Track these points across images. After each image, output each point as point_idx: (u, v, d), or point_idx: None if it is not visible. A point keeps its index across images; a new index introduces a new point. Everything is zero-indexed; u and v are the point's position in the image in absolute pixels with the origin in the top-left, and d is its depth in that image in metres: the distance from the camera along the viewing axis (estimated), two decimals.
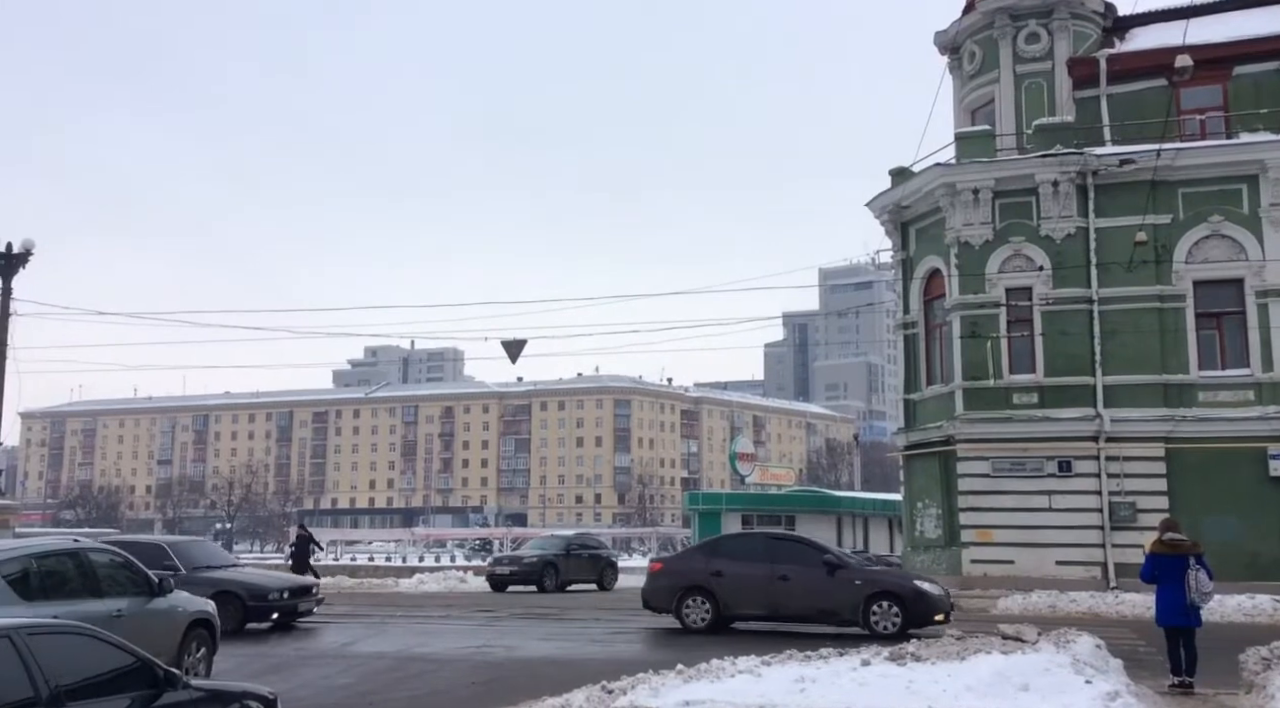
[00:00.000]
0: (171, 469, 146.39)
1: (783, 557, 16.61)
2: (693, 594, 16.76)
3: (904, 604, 15.83)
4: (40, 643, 5.38)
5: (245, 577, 17.65)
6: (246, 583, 16.97)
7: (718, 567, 16.75)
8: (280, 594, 16.94)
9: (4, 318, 24.24)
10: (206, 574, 16.86)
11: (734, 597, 16.58)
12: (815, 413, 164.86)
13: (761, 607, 16.44)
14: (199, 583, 16.12)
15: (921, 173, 26.58)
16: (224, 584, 16.52)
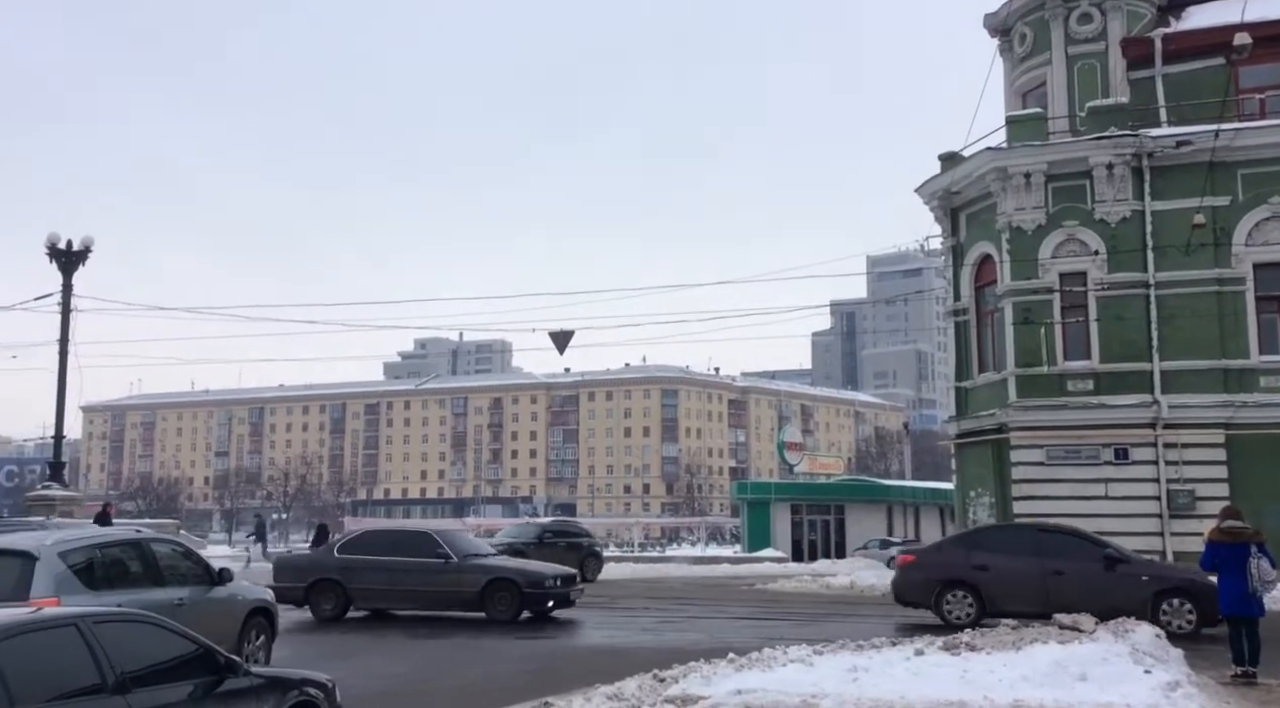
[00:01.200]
0: (229, 461, 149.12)
1: (1053, 551, 15.98)
2: (954, 589, 16.26)
3: (1197, 601, 15.02)
4: (106, 631, 5.51)
5: (521, 565, 17.72)
6: (524, 570, 17.01)
7: (981, 560, 16.22)
8: (555, 582, 16.83)
9: (66, 313, 24.84)
10: (479, 561, 17.06)
11: (1001, 592, 15.93)
12: (864, 402, 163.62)
13: (1032, 603, 15.52)
14: (473, 570, 16.64)
15: (972, 157, 26.22)
16: (500, 571, 16.69)
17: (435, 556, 16.74)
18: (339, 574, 17.00)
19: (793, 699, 8.56)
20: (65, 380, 25.38)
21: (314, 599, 17.01)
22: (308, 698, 6.63)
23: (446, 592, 16.72)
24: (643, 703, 8.89)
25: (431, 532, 18.43)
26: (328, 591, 16.98)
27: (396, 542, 17.62)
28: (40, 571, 8.69)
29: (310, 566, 17.64)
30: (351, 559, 17.14)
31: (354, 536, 18.57)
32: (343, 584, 16.93)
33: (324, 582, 17.01)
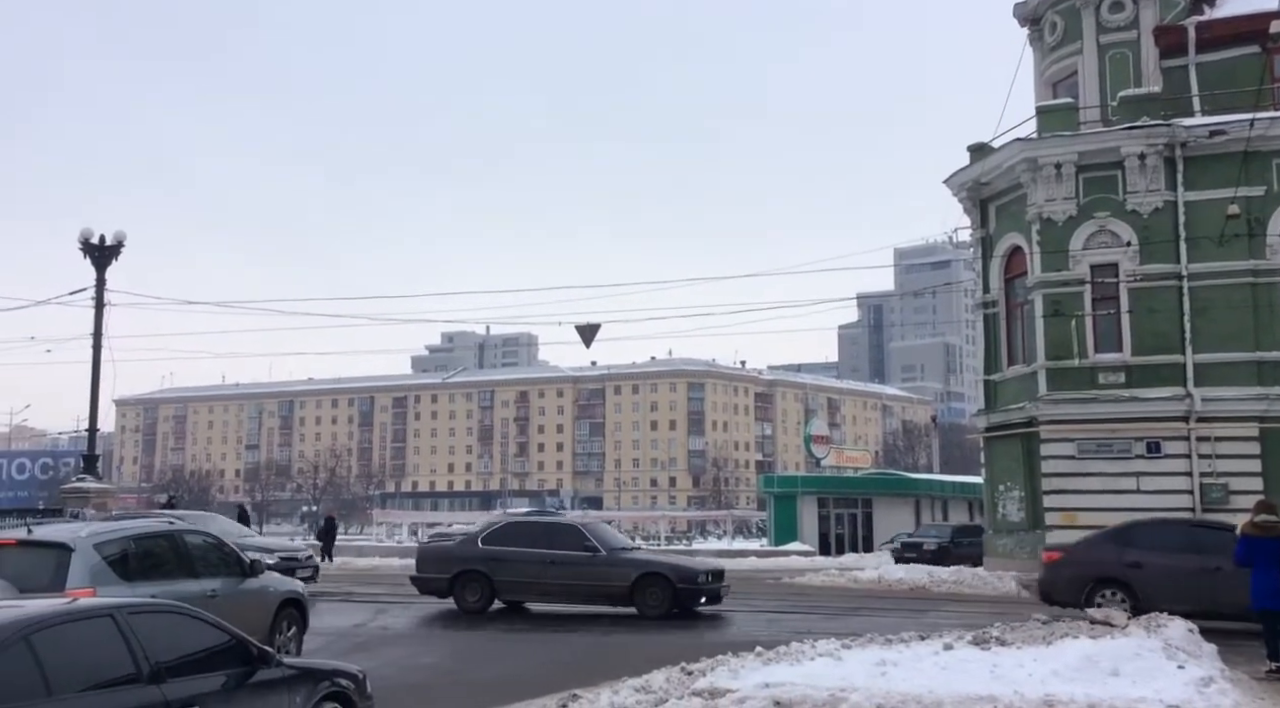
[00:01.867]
0: (259, 454, 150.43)
1: (1211, 547, 15.38)
2: (1105, 587, 15.80)
3: None
4: (140, 622, 5.57)
5: (673, 559, 17.42)
6: (676, 565, 16.71)
7: (1134, 557, 15.74)
8: (706, 577, 16.46)
9: (99, 308, 25.13)
10: (629, 555, 16.87)
11: (1157, 590, 15.33)
12: (891, 395, 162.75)
13: (1192, 602, 14.84)
14: (623, 564, 16.40)
15: (1001, 148, 26.00)
16: (652, 566, 16.42)
17: (583, 549, 16.49)
18: (484, 566, 16.75)
19: (821, 693, 8.54)
20: (99, 374, 25.66)
21: (459, 591, 16.84)
22: (339, 688, 6.69)
23: (595, 586, 16.46)
24: (670, 696, 8.90)
25: (578, 524, 18.20)
26: (473, 582, 16.78)
27: (543, 533, 17.42)
28: (76, 562, 8.82)
29: (455, 556, 17.33)
30: (498, 551, 16.89)
31: (498, 526, 18.25)
32: (488, 576, 16.72)
33: (469, 573, 16.81)
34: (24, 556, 9.03)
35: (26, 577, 8.57)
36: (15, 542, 9.25)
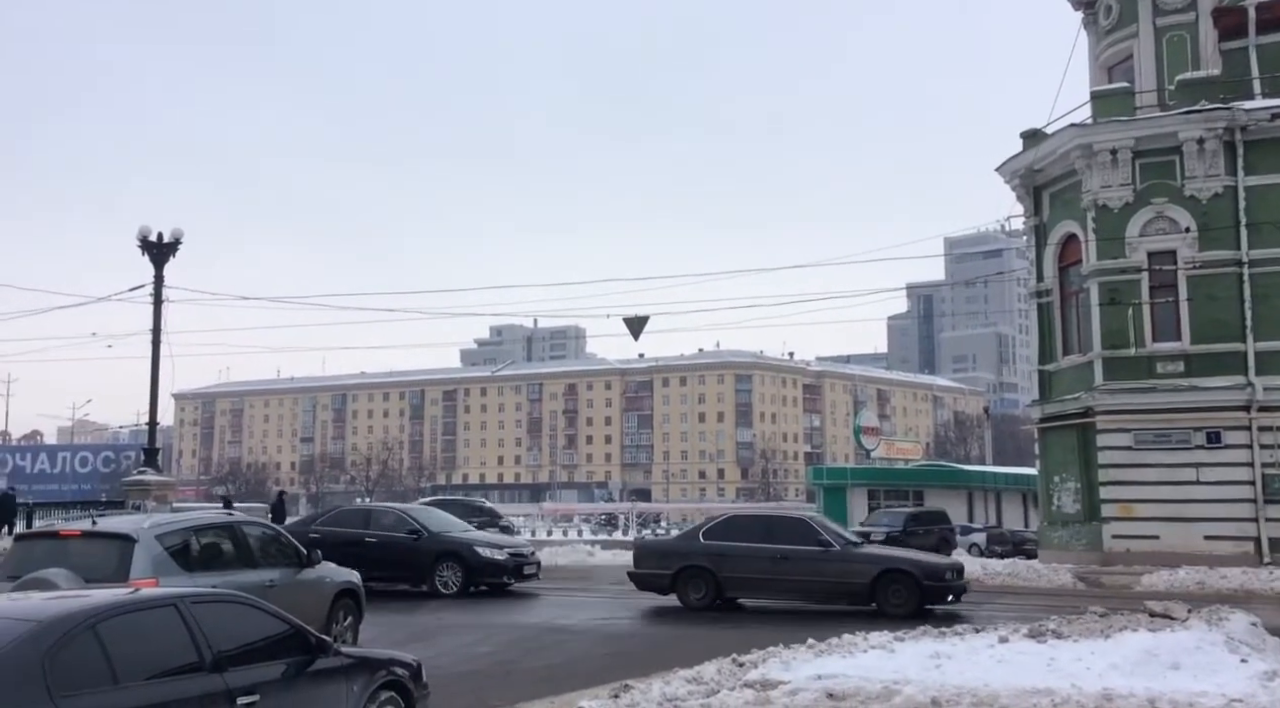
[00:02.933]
0: (314, 446, 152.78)
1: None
2: None
3: None
4: (202, 611, 5.68)
5: (914, 555, 16.93)
6: (919, 561, 16.19)
7: None
8: (953, 574, 15.89)
9: (158, 304, 25.67)
10: (867, 550, 16.38)
11: None
12: (942, 386, 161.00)
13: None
14: (862, 560, 15.82)
15: (1055, 134, 25.57)
16: (895, 562, 15.85)
17: (816, 543, 15.87)
18: (708, 561, 16.24)
19: (874, 686, 8.49)
20: (158, 369, 26.24)
21: (681, 587, 16.33)
22: (394, 677, 6.77)
23: (832, 583, 15.79)
24: (722, 687, 8.90)
25: (807, 517, 17.83)
26: (697, 578, 16.28)
27: (770, 527, 16.88)
28: (139, 553, 9.02)
29: (676, 552, 16.92)
30: (722, 545, 16.35)
31: (720, 520, 17.66)
32: (713, 572, 16.18)
33: (692, 569, 16.32)
34: (89, 547, 9.26)
35: (92, 567, 8.79)
36: (81, 533, 9.50)
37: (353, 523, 18.91)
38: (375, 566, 17.50)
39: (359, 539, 17.97)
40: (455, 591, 17.66)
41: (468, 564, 17.90)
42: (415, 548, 17.92)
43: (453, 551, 18.03)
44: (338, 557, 17.66)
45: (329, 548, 17.47)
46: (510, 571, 18.24)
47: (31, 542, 9.75)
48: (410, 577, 18.17)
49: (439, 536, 18.39)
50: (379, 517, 19.30)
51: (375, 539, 18.13)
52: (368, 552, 17.52)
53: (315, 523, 19.04)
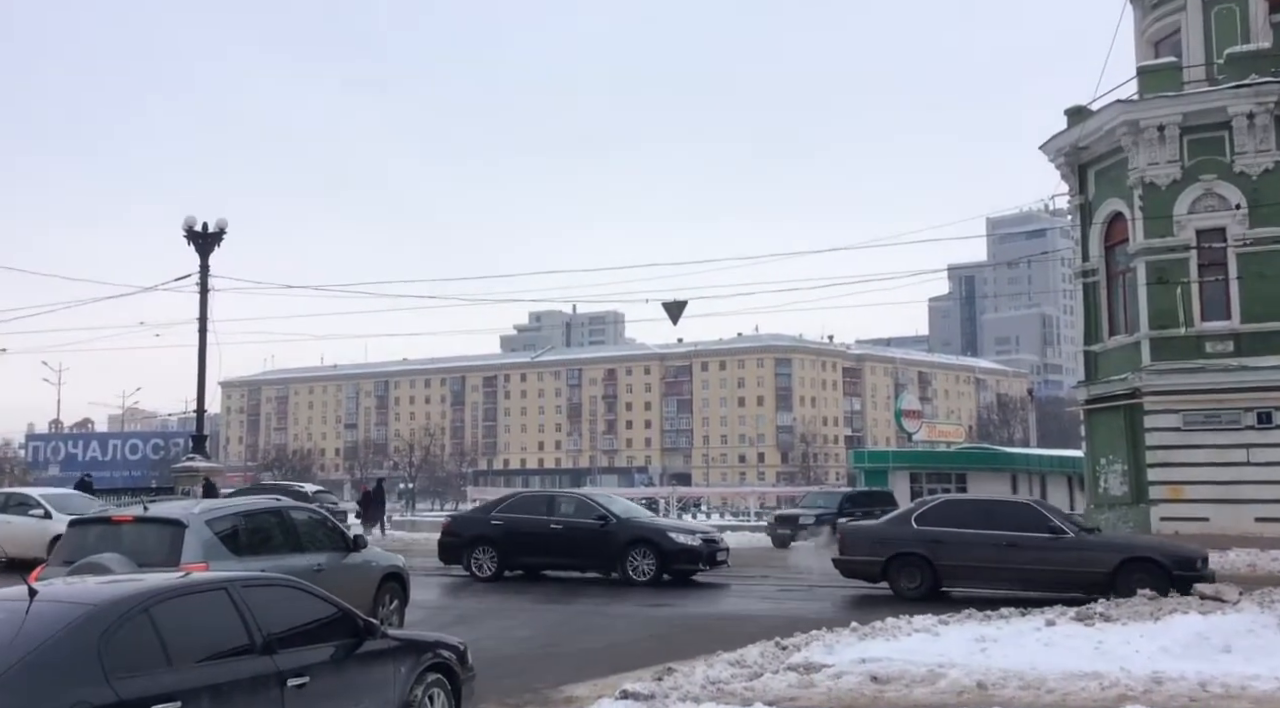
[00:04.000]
0: (357, 433, 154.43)
1: None
2: None
3: None
4: (253, 595, 5.78)
5: (1155, 540, 16.16)
6: (1165, 548, 15.29)
7: None
8: (1202, 563, 14.95)
9: (204, 293, 26.04)
10: (1107, 538, 15.86)
11: None
12: (985, 368, 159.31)
13: None
14: (1100, 548, 15.07)
15: (1101, 111, 25.14)
16: (1140, 550, 14.99)
17: (1046, 530, 15.04)
18: (924, 549, 15.44)
19: (919, 669, 8.46)
20: (205, 357, 26.63)
21: (894, 575, 15.56)
22: (441, 660, 6.84)
23: (1067, 572, 14.74)
24: (765, 670, 8.91)
25: (1033, 502, 17.09)
26: (911, 566, 15.49)
27: (992, 513, 15.89)
28: (190, 538, 9.18)
29: (888, 538, 16.03)
30: (939, 532, 15.54)
31: (933, 504, 16.78)
32: (929, 560, 15.38)
33: (906, 556, 15.55)
34: (141, 532, 9.44)
35: (144, 552, 8.96)
36: (133, 519, 9.68)
37: (535, 510, 18.51)
38: (562, 553, 17.57)
39: (543, 526, 17.79)
40: (648, 578, 17.02)
41: (661, 550, 17.19)
42: (604, 534, 17.36)
43: (645, 536, 17.44)
44: (521, 545, 17.71)
45: (511, 536, 17.73)
46: (704, 557, 17.45)
47: (85, 527, 9.95)
48: (599, 564, 17.64)
49: (629, 521, 17.87)
50: (563, 502, 18.78)
51: (561, 526, 17.76)
52: (553, 539, 17.42)
53: (495, 510, 18.71)
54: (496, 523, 18.13)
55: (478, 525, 18.54)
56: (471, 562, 17.94)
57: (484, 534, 18.04)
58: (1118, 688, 8.05)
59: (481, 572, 17.84)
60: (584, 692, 8.72)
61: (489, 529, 18.12)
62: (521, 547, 17.84)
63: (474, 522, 18.98)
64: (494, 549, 17.87)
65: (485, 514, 18.87)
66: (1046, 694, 8.09)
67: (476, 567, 17.90)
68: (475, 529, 18.37)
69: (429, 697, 6.60)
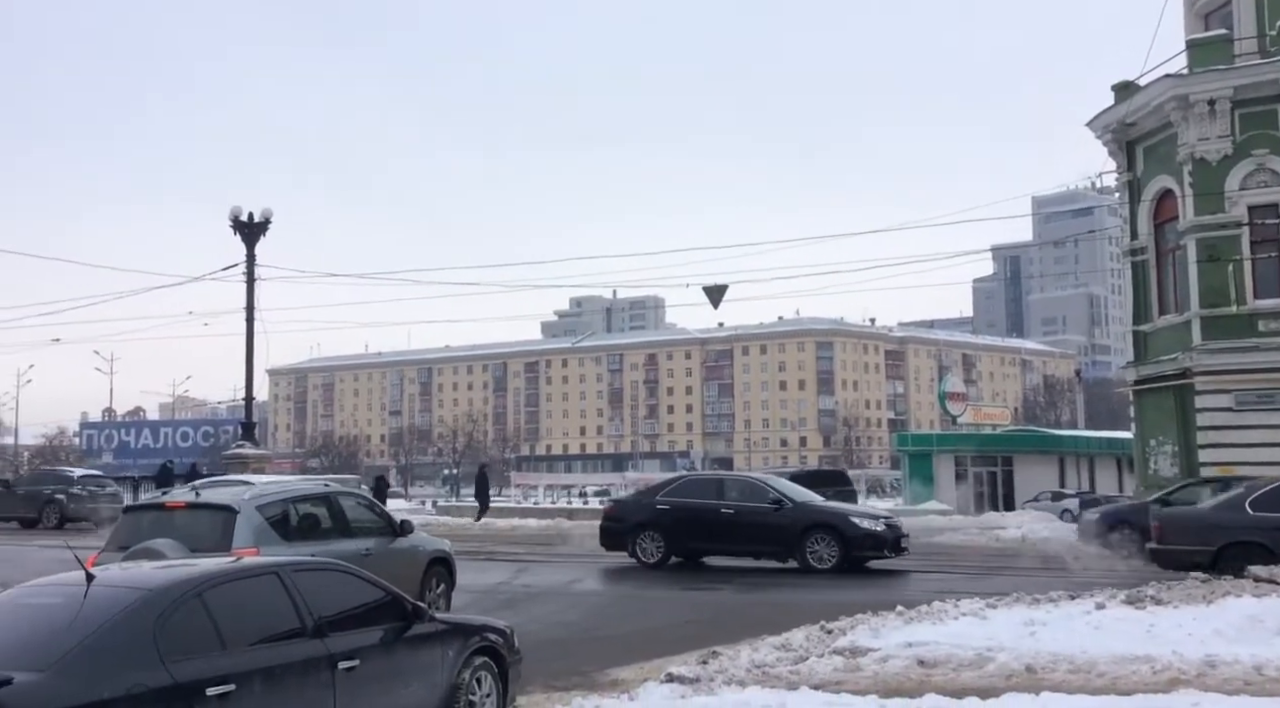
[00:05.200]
0: (402, 419, 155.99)
1: None
2: None
3: None
4: (303, 579, 5.86)
5: None
6: None
7: None
8: None
9: (250, 282, 26.38)
10: None
11: None
12: (1031, 349, 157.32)
13: None
14: None
15: (1149, 86, 24.63)
16: None
17: None
18: (1266, 537, 14.04)
19: (966, 653, 8.40)
20: (253, 345, 27.01)
21: (1224, 567, 13.49)
22: (488, 643, 6.91)
23: None
24: (810, 654, 8.89)
25: None
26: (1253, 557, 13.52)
27: None
28: (241, 523, 9.34)
29: (1220, 525, 14.68)
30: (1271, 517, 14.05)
31: (1271, 488, 14.70)
32: (1270, 549, 13.64)
33: (1242, 545, 14.09)
34: (193, 517, 9.62)
35: (196, 537, 9.13)
36: (185, 505, 9.87)
37: (704, 493, 17.93)
38: (734, 539, 17.03)
39: (713, 510, 17.24)
40: (830, 566, 16.28)
41: (844, 536, 16.46)
42: (780, 519, 16.74)
43: (826, 521, 16.77)
44: (689, 530, 17.18)
45: (678, 521, 17.24)
46: (889, 543, 16.64)
47: (139, 513, 10.16)
48: (775, 551, 17.02)
49: (806, 505, 17.33)
50: (733, 486, 18.25)
51: (732, 510, 17.18)
52: (724, 524, 16.91)
53: (660, 494, 18.20)
54: (663, 507, 17.60)
55: (643, 510, 18.00)
56: (637, 548, 17.50)
57: (650, 519, 17.56)
58: (1170, 672, 7.95)
59: (647, 558, 17.39)
60: (629, 675, 8.77)
61: (655, 514, 17.62)
62: (689, 532, 17.31)
63: (638, 506, 18.41)
64: (660, 535, 17.40)
65: (649, 498, 18.36)
66: (1097, 678, 8.00)
67: (642, 553, 17.45)
68: (640, 514, 17.87)
69: (476, 680, 6.67)
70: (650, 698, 7.27)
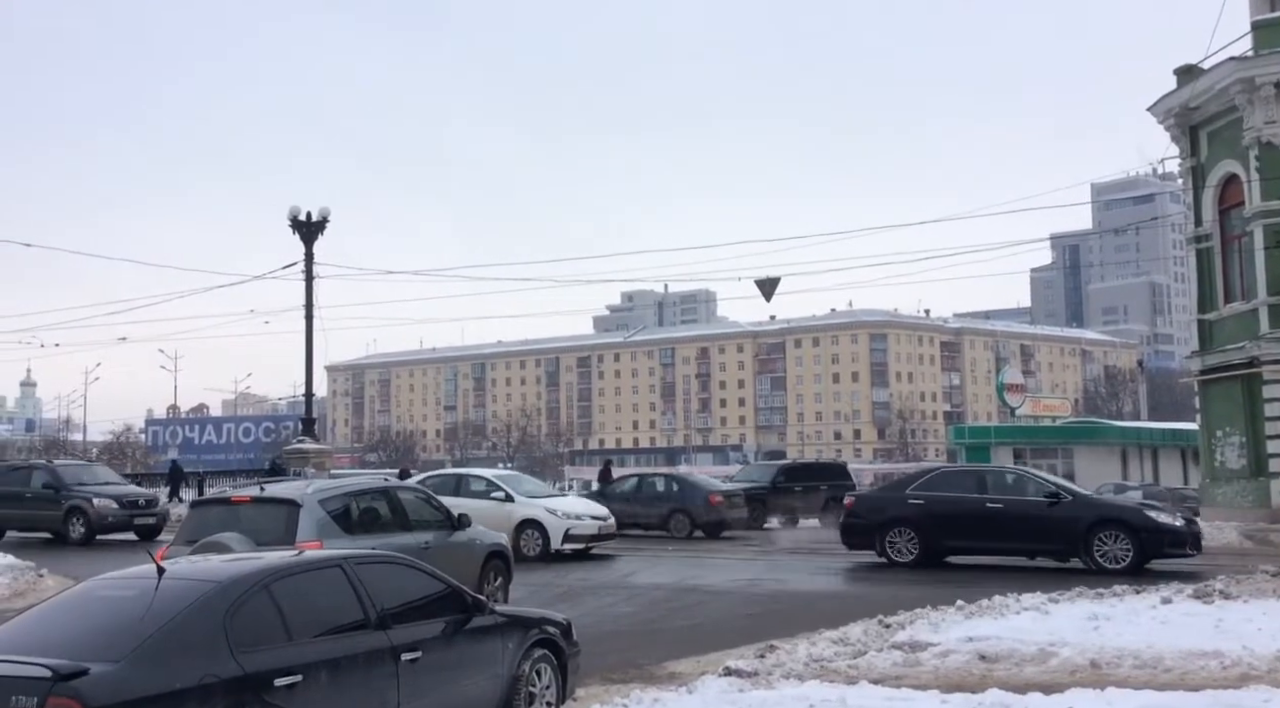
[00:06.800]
0: (456, 414, 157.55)
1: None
2: None
3: None
4: (366, 572, 5.97)
5: None
6: None
7: None
8: None
9: (309, 280, 26.80)
10: None
11: None
12: (1091, 339, 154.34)
13: None
14: None
15: (1213, 69, 24.01)
16: None
17: None
18: None
19: (1029, 648, 8.29)
20: (312, 342, 27.45)
21: None
22: (547, 635, 6.96)
23: None
24: (869, 648, 8.84)
25: None
26: None
27: None
28: (304, 517, 9.51)
29: None
30: None
31: None
32: None
33: None
34: (257, 511, 9.81)
35: (261, 531, 9.32)
36: (250, 499, 10.07)
37: (963, 486, 16.67)
38: (1003, 536, 15.79)
39: (976, 506, 15.97)
40: (1124, 566, 14.84)
41: (1137, 532, 14.99)
42: (1060, 514, 15.39)
43: (1115, 516, 15.37)
44: (948, 526, 15.88)
45: (935, 516, 16.08)
46: (1189, 540, 15.24)
47: (206, 508, 10.39)
48: (1054, 550, 15.77)
49: (1090, 498, 16.17)
50: (998, 478, 16.86)
51: (1000, 505, 15.84)
52: (991, 520, 15.69)
53: (911, 487, 17.04)
54: (916, 502, 16.40)
55: (893, 505, 16.74)
56: (887, 545, 16.30)
57: (901, 515, 16.32)
58: (1240, 667, 7.77)
59: (900, 556, 16.19)
60: (686, 668, 8.78)
61: (907, 509, 16.40)
62: (949, 529, 16.06)
63: (886, 501, 17.19)
64: (914, 531, 16.15)
65: (898, 492, 17.21)
66: (1164, 673, 7.86)
67: (893, 551, 16.25)
68: (890, 510, 16.63)
69: (536, 672, 6.73)
70: (708, 692, 7.27)
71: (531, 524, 17.85)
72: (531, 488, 19.80)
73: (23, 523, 22.18)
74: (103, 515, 20.89)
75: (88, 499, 21.13)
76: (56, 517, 21.25)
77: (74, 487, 21.60)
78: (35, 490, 21.89)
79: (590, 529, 18.31)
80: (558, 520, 17.88)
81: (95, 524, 20.96)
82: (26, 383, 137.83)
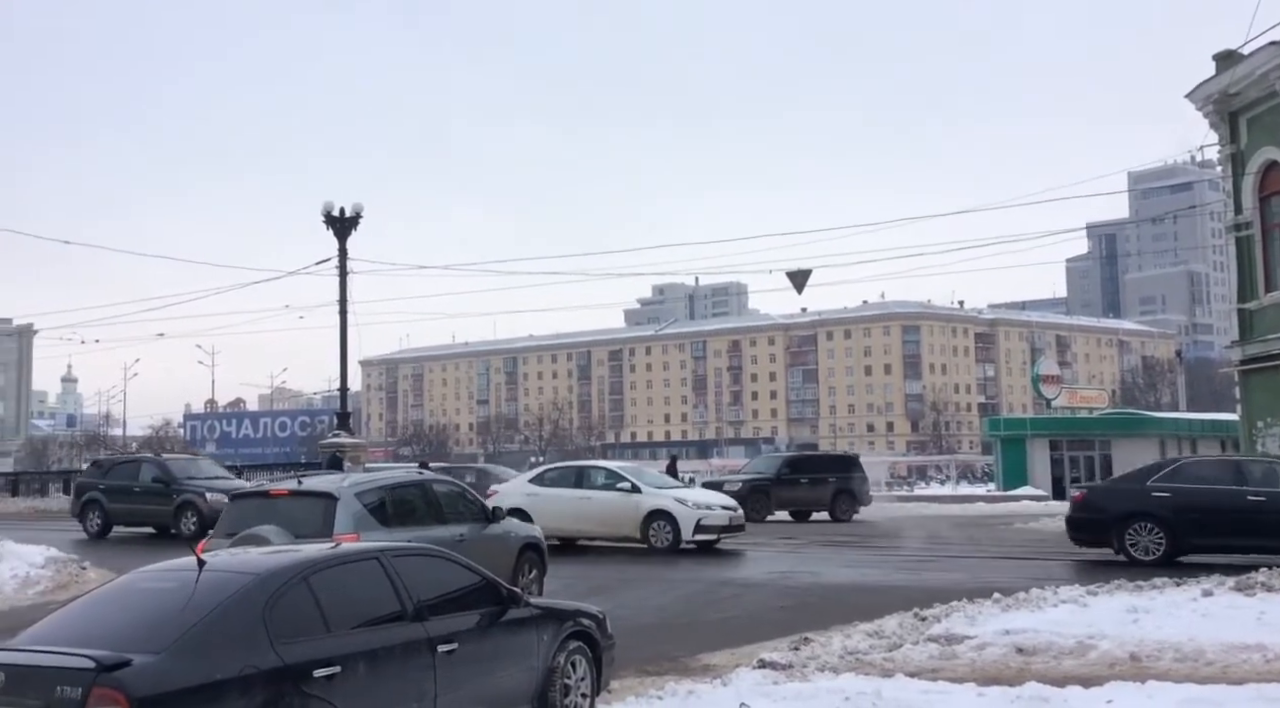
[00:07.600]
0: (489, 408, 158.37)
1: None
2: None
3: None
4: (402, 564, 6.02)
5: None
6: None
7: None
8: None
9: (343, 276, 27.00)
10: None
11: None
12: (1128, 329, 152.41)
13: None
14: None
15: (1254, 54, 23.55)
16: None
17: None
18: None
19: (1067, 641, 8.21)
20: (346, 337, 27.66)
21: None
22: (581, 628, 6.99)
23: None
24: (904, 641, 8.80)
25: None
26: None
27: None
28: (341, 510, 9.61)
29: None
30: None
31: None
32: None
33: None
34: (295, 505, 9.92)
35: (298, 523, 9.41)
36: (288, 492, 10.19)
37: (1215, 477, 15.35)
38: (1269, 533, 14.18)
39: (1236, 499, 14.54)
40: None
41: None
42: None
43: None
44: (1201, 522, 14.58)
45: (1185, 510, 14.62)
46: None
47: (244, 501, 10.51)
48: None
49: None
50: (1255, 469, 15.33)
51: (1262, 497, 14.31)
52: (1252, 515, 14.22)
53: (1153, 478, 15.52)
54: (1161, 494, 15.01)
55: (1133, 498, 15.38)
56: (1127, 542, 15.02)
57: (1143, 509, 15.03)
58: None
59: (1143, 554, 14.85)
60: (721, 660, 8.78)
61: (1150, 502, 15.05)
62: (1202, 525, 14.67)
63: (1126, 494, 15.79)
64: (1160, 527, 14.81)
65: (1138, 484, 15.69)
66: (1205, 667, 7.76)
67: (1134, 548, 14.94)
68: (1129, 502, 15.30)
69: (571, 663, 6.76)
70: (743, 684, 7.27)
71: (661, 515, 17.24)
72: (654, 479, 19.18)
73: (131, 517, 21.58)
74: (215, 510, 20.53)
75: (200, 494, 20.43)
76: (167, 512, 20.53)
77: (184, 481, 21.02)
78: (144, 484, 21.30)
79: (721, 520, 17.60)
80: (689, 511, 17.25)
81: (209, 519, 20.37)
82: (68, 379, 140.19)
